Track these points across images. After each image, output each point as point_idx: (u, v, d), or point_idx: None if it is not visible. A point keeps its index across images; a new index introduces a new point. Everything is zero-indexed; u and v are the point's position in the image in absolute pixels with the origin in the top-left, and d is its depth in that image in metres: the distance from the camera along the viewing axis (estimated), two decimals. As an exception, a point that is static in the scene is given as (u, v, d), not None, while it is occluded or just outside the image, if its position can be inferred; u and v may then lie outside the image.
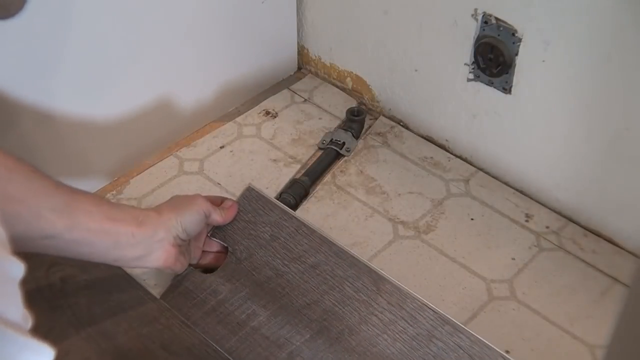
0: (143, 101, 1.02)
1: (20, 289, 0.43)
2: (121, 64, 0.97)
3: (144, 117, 1.04)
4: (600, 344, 0.84)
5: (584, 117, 0.90)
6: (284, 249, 0.89)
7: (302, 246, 0.89)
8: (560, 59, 0.88)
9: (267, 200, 0.94)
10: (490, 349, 0.78)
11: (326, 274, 0.86)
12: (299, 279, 0.87)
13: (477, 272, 0.93)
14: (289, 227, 0.91)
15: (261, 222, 0.92)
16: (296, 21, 1.19)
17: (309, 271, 0.87)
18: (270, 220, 0.92)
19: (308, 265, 0.87)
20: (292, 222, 0.91)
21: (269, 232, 0.91)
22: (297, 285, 0.86)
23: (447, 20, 0.97)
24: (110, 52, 0.94)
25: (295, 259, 0.88)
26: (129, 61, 0.97)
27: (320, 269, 0.87)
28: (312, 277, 0.87)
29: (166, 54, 1.01)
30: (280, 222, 0.92)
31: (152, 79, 1.02)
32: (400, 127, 1.14)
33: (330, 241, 0.89)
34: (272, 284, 0.87)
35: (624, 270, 0.92)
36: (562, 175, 0.97)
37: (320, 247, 0.89)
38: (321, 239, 0.89)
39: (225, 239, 0.92)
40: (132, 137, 1.04)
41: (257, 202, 0.94)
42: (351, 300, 0.84)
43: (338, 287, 0.85)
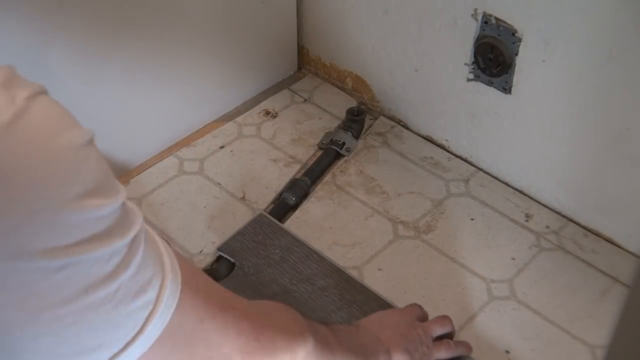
0: (143, 101, 1.02)
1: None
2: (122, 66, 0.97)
3: (144, 117, 1.04)
4: (600, 344, 0.84)
5: (584, 117, 0.90)
6: (293, 270, 0.90)
7: (311, 270, 0.90)
8: (560, 59, 0.88)
9: (279, 226, 0.95)
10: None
11: (334, 297, 0.86)
12: (306, 297, 0.87)
13: (477, 272, 0.93)
14: (299, 251, 0.92)
15: (271, 244, 0.93)
16: (296, 21, 1.19)
17: (317, 292, 0.87)
18: (280, 244, 0.93)
19: (317, 287, 0.88)
20: (303, 248, 0.92)
21: (279, 254, 0.91)
22: (304, 303, 0.86)
23: (447, 20, 0.97)
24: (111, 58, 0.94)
25: (304, 280, 0.89)
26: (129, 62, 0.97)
27: (329, 291, 0.88)
28: (320, 297, 0.87)
29: (166, 53, 1.01)
30: (291, 246, 0.92)
31: (152, 78, 1.02)
32: (400, 127, 1.14)
33: (340, 269, 0.90)
34: (279, 299, 0.86)
35: (624, 270, 0.92)
36: (562, 175, 0.97)
37: (331, 272, 0.89)
38: (332, 265, 0.90)
39: (234, 255, 0.92)
40: (132, 137, 1.04)
41: (268, 227, 0.94)
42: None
43: (346, 308, 0.86)
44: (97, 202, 0.40)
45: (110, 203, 0.41)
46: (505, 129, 1.00)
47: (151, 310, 0.45)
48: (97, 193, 0.40)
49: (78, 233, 0.40)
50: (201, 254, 0.94)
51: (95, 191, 0.40)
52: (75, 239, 0.40)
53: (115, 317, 0.43)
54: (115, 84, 0.97)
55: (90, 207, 0.40)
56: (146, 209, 0.99)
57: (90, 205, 0.40)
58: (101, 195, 0.41)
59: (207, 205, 1.00)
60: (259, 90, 1.20)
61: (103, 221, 0.41)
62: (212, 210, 1.00)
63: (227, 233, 0.96)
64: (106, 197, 0.41)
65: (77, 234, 0.40)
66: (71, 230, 0.40)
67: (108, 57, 0.94)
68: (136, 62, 0.98)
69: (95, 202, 0.40)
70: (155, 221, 0.98)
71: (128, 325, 0.44)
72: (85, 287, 0.41)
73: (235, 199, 1.02)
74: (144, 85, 1.01)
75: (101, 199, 0.41)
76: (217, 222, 0.98)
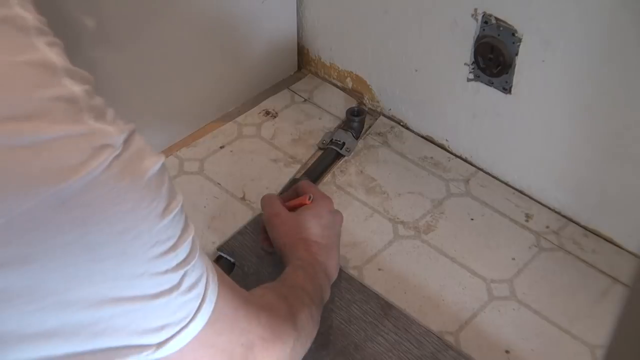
0: (142, 101, 1.02)
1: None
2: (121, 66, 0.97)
3: (144, 117, 1.04)
4: (600, 344, 0.84)
5: (584, 117, 0.90)
6: None
7: None
8: (560, 59, 0.88)
9: None
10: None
11: (334, 296, 0.86)
12: None
13: (477, 272, 0.93)
14: None
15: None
16: (296, 21, 1.19)
17: None
18: None
19: None
20: None
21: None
22: None
23: (447, 20, 0.97)
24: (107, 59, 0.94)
25: None
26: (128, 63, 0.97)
27: None
28: None
29: (165, 53, 1.01)
30: None
31: (151, 78, 1.02)
32: (400, 127, 1.14)
33: (340, 269, 0.89)
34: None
35: (624, 270, 0.92)
36: (562, 175, 0.97)
37: None
38: None
39: (234, 255, 0.92)
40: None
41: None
42: (358, 320, 0.85)
43: (345, 308, 0.86)
44: (174, 208, 0.50)
45: (178, 206, 0.50)
46: (505, 129, 1.00)
47: (200, 301, 0.54)
48: (170, 202, 0.50)
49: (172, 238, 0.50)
50: (201, 254, 0.94)
51: (170, 201, 0.50)
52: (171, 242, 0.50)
53: (178, 303, 0.52)
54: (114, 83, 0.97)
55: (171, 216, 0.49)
56: (146, 209, 0.99)
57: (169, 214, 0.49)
58: (172, 203, 0.50)
59: (207, 205, 1.00)
60: (259, 90, 1.20)
61: (179, 224, 0.51)
62: (212, 210, 1.00)
63: (227, 233, 0.96)
64: (176, 204, 0.50)
65: (172, 239, 0.50)
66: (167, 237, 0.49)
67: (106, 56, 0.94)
68: (135, 62, 0.98)
69: (172, 208, 0.49)
70: (155, 221, 0.98)
71: (184, 312, 0.53)
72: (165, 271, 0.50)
73: (235, 199, 1.02)
74: (144, 85, 1.01)
75: (173, 205, 0.50)
76: (217, 222, 0.98)
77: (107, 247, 0.46)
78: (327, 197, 0.90)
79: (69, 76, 0.44)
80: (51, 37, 0.45)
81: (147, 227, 0.48)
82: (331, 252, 0.85)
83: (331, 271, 0.84)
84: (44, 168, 0.42)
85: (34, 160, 0.41)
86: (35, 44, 0.43)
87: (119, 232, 0.46)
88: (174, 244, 0.50)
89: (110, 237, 0.46)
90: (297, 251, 0.82)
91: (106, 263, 0.46)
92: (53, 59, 0.43)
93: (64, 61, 0.44)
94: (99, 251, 0.46)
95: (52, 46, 0.44)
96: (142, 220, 0.47)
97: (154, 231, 0.48)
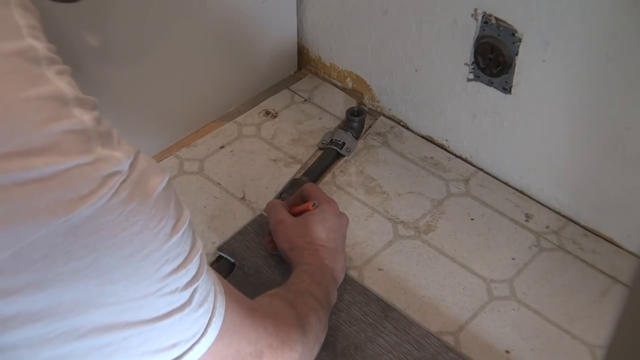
0: (142, 100, 1.02)
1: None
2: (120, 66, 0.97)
3: (144, 117, 1.04)
4: (600, 344, 0.84)
5: (584, 117, 0.90)
6: None
7: None
8: (560, 59, 0.88)
9: None
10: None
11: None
12: None
13: (477, 272, 0.93)
14: None
15: None
16: (296, 21, 1.19)
17: None
18: None
19: None
20: None
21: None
22: None
23: (447, 20, 0.97)
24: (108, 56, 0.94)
25: None
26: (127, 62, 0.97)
27: None
28: None
29: (165, 53, 1.01)
30: None
31: (151, 79, 1.02)
32: (400, 127, 1.14)
33: None
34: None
35: (624, 270, 0.92)
36: (562, 175, 0.97)
37: None
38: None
39: (234, 255, 0.92)
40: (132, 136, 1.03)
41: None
42: (358, 321, 0.85)
43: (346, 309, 0.86)
44: (182, 225, 0.50)
45: (187, 222, 0.51)
46: (505, 129, 1.00)
47: (210, 315, 0.55)
48: (179, 218, 0.50)
49: (182, 254, 0.51)
50: (201, 254, 0.94)
51: (178, 217, 0.50)
52: (181, 259, 0.50)
53: (190, 320, 0.53)
54: (114, 83, 0.97)
55: (180, 233, 0.50)
56: (146, 209, 0.99)
57: (179, 231, 0.50)
58: (181, 219, 0.50)
59: (207, 205, 1.00)
60: (259, 90, 1.20)
61: (188, 240, 0.52)
62: (212, 210, 1.00)
63: (227, 233, 0.96)
64: (184, 220, 0.51)
65: (182, 256, 0.51)
66: (177, 254, 0.50)
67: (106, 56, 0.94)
68: (135, 62, 0.99)
69: (180, 225, 0.50)
70: (155, 221, 0.98)
71: (195, 328, 0.54)
72: (176, 290, 0.51)
73: (235, 199, 1.02)
74: (144, 85, 1.01)
75: (181, 222, 0.50)
76: (217, 222, 0.98)
77: (118, 269, 0.46)
78: (332, 200, 0.90)
79: (78, 105, 0.45)
80: (61, 65, 0.46)
81: (157, 246, 0.48)
82: (338, 255, 0.85)
83: (338, 274, 0.85)
84: (54, 199, 0.42)
85: (44, 192, 0.42)
86: (46, 75, 0.44)
87: (129, 254, 0.47)
88: (184, 260, 0.51)
89: (120, 260, 0.46)
90: (304, 256, 0.83)
91: (118, 285, 0.47)
92: (63, 89, 0.44)
93: (73, 89, 0.45)
94: (110, 274, 0.46)
95: (62, 74, 0.45)
96: (152, 240, 0.48)
97: (164, 249, 0.49)
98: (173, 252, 0.50)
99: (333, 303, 0.82)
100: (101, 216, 0.44)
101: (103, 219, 0.45)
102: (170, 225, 0.49)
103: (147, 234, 0.47)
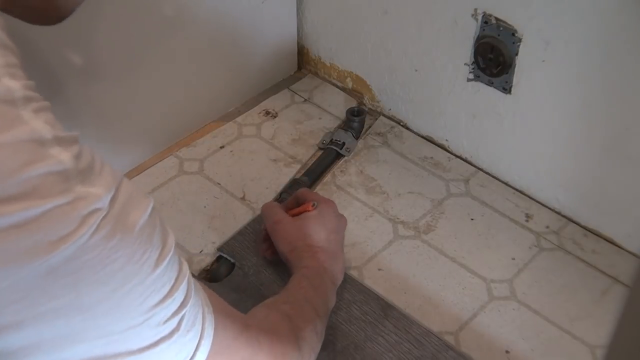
0: (143, 101, 1.02)
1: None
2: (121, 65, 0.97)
3: (144, 117, 1.04)
4: (600, 344, 0.84)
5: (584, 117, 0.90)
6: None
7: None
8: (560, 59, 0.88)
9: None
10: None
11: None
12: None
13: (477, 272, 0.93)
14: None
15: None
16: (296, 21, 1.19)
17: None
18: None
19: None
20: None
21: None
22: None
23: (447, 20, 0.97)
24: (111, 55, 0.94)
25: None
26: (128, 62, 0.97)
27: None
28: None
29: (166, 53, 1.01)
30: None
31: (151, 78, 1.02)
32: (400, 127, 1.14)
33: None
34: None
35: (624, 270, 0.92)
36: (562, 175, 0.97)
37: None
38: None
39: (234, 255, 0.92)
40: (133, 136, 1.04)
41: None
42: (358, 320, 0.85)
43: (345, 308, 0.86)
44: (167, 254, 0.49)
45: (172, 250, 0.50)
46: (505, 129, 1.00)
47: (199, 338, 0.54)
48: (164, 247, 0.49)
49: (168, 284, 0.50)
50: (201, 254, 0.94)
51: (163, 246, 0.49)
52: (167, 288, 0.50)
53: (178, 346, 0.52)
54: (114, 83, 0.97)
55: (165, 263, 0.49)
56: (146, 209, 0.99)
57: (163, 262, 0.49)
58: (165, 248, 0.49)
59: (207, 205, 1.00)
60: (259, 90, 1.20)
61: (174, 267, 0.51)
62: (212, 210, 1.00)
63: (227, 233, 0.96)
64: (168, 248, 0.50)
65: (168, 285, 0.50)
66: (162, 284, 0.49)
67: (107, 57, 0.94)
68: (136, 62, 0.99)
69: (165, 255, 0.49)
70: (155, 221, 0.98)
71: (184, 352, 0.53)
72: (163, 320, 0.50)
73: (235, 199, 1.02)
74: (144, 85, 1.01)
75: (166, 250, 0.49)
76: (217, 222, 0.98)
77: (101, 305, 0.46)
78: (330, 200, 0.90)
79: (57, 144, 0.44)
80: (39, 102, 0.45)
81: (141, 280, 0.47)
82: (337, 257, 0.85)
83: (337, 276, 0.84)
84: (33, 242, 0.42)
85: (23, 236, 0.41)
86: (22, 116, 0.43)
87: (112, 289, 0.46)
88: (170, 289, 0.50)
89: (103, 296, 0.46)
90: (304, 259, 0.82)
91: (101, 321, 0.46)
92: (40, 129, 0.43)
93: (51, 128, 0.44)
94: (94, 310, 0.46)
95: (40, 112, 0.44)
96: (135, 274, 0.47)
97: (148, 282, 0.48)
98: (158, 283, 0.49)
99: (332, 306, 0.82)
100: (82, 255, 0.44)
101: (84, 258, 0.44)
102: (154, 257, 0.48)
103: (130, 268, 0.47)
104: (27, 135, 0.43)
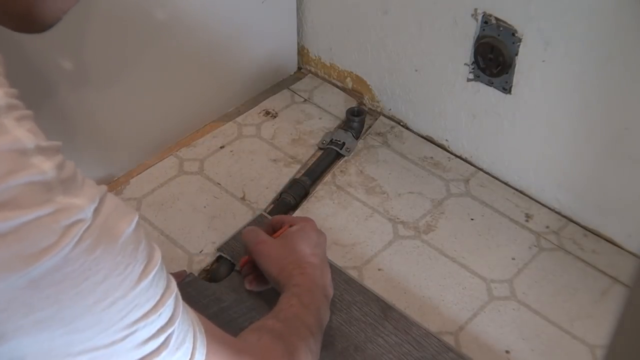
0: (143, 101, 1.02)
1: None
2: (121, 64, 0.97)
3: (144, 117, 1.04)
4: (600, 344, 0.84)
5: (584, 117, 0.90)
6: None
7: None
8: (561, 59, 0.88)
9: None
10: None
11: (334, 298, 0.86)
12: None
13: (477, 272, 0.93)
14: None
15: None
16: (296, 21, 1.19)
17: None
18: None
19: None
20: None
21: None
22: None
23: (447, 20, 0.97)
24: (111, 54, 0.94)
25: None
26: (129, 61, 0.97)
27: None
28: None
29: (166, 53, 1.01)
30: None
31: (152, 78, 1.02)
32: (400, 127, 1.14)
33: (340, 270, 0.90)
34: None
35: (624, 270, 0.92)
36: (562, 175, 0.97)
37: (331, 273, 0.89)
38: (331, 266, 0.89)
39: (234, 255, 0.92)
40: (133, 137, 1.04)
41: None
42: (358, 322, 0.85)
43: (345, 309, 0.86)
44: (152, 269, 0.48)
45: (157, 265, 0.49)
46: (505, 129, 1.00)
47: (190, 357, 0.53)
48: (149, 262, 0.48)
49: (152, 299, 0.49)
50: (201, 254, 0.94)
51: (148, 261, 0.48)
52: (152, 303, 0.49)
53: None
54: (115, 84, 0.97)
55: (149, 278, 0.48)
56: (146, 209, 0.99)
57: (147, 276, 0.48)
58: (150, 263, 0.48)
59: (207, 205, 1.00)
60: (259, 90, 1.20)
61: (160, 282, 0.49)
62: (212, 210, 1.00)
63: (227, 233, 0.96)
64: (154, 264, 0.49)
65: (152, 300, 0.49)
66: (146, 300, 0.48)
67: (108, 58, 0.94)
68: (136, 62, 0.99)
69: (150, 270, 0.48)
70: (155, 221, 0.98)
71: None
72: (147, 336, 0.49)
73: (235, 199, 1.02)
74: (144, 85, 1.01)
75: (150, 266, 0.48)
76: (217, 222, 0.98)
77: (82, 319, 0.45)
78: (308, 218, 0.88)
79: (39, 153, 0.43)
80: (21, 111, 0.44)
81: (123, 294, 0.46)
82: (325, 269, 0.83)
83: (328, 290, 0.82)
84: (13, 254, 0.41)
85: (3, 247, 0.41)
86: (4, 124, 0.42)
87: (93, 303, 0.45)
88: (155, 304, 0.49)
89: (85, 309, 0.45)
90: (294, 277, 0.79)
91: (83, 334, 0.46)
92: (22, 138, 0.43)
93: (34, 136, 0.43)
94: (76, 324, 0.45)
95: (22, 121, 0.43)
96: (117, 288, 0.46)
97: (131, 296, 0.47)
98: (142, 298, 0.48)
99: (326, 321, 0.80)
100: (63, 267, 0.43)
101: (65, 270, 0.43)
102: (138, 271, 0.47)
103: (111, 282, 0.46)
104: (9, 144, 0.42)
